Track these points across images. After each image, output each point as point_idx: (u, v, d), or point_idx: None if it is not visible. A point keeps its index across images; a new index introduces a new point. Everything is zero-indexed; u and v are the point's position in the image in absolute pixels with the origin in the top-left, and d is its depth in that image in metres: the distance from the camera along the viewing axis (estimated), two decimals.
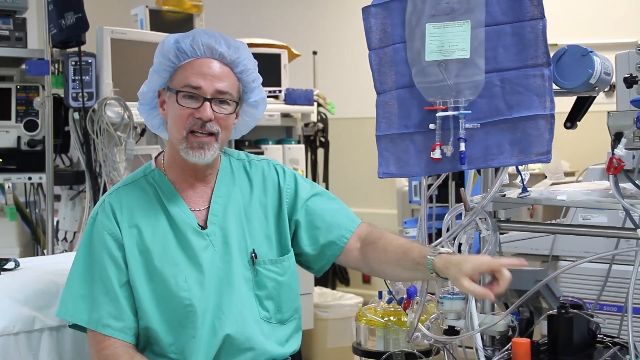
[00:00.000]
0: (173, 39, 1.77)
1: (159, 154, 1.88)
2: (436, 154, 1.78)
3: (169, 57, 1.75)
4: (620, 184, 1.68)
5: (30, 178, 3.07)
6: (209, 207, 1.81)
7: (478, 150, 1.78)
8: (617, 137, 1.68)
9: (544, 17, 1.72)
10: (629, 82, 1.73)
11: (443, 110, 1.78)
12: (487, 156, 1.77)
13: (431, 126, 1.80)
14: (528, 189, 1.91)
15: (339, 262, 1.90)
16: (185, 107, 1.73)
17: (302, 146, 4.23)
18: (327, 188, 4.78)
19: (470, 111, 1.75)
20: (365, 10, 1.88)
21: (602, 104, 1.96)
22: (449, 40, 1.76)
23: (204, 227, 1.79)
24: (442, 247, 1.88)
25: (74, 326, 1.77)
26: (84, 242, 1.78)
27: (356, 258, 1.86)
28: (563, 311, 1.76)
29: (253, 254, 1.81)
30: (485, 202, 1.81)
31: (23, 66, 3.06)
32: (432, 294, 2.03)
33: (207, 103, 1.72)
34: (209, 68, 1.74)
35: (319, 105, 4.39)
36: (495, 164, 1.78)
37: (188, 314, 1.73)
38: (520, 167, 1.87)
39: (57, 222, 3.25)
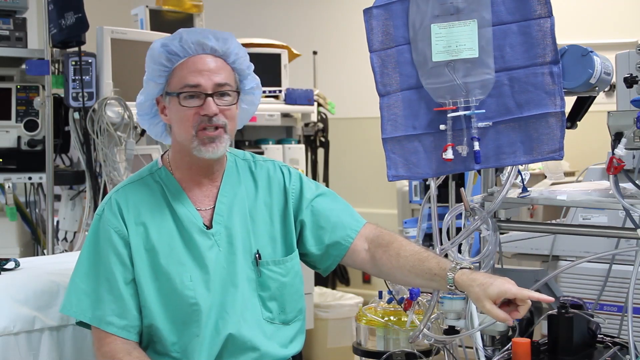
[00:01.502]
0: (159, 43, 1.76)
1: (165, 153, 1.88)
2: (448, 155, 1.77)
3: (161, 61, 1.75)
4: (620, 184, 1.68)
5: (30, 178, 3.07)
6: (214, 206, 1.82)
7: (490, 149, 1.77)
8: (617, 137, 1.68)
9: (552, 15, 1.72)
10: (629, 82, 1.73)
11: (454, 111, 1.77)
12: (499, 155, 1.77)
13: (442, 127, 1.79)
14: (528, 189, 1.91)
15: (345, 263, 1.90)
16: (189, 107, 1.73)
17: (302, 146, 4.23)
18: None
19: (484, 110, 1.75)
20: (367, 12, 1.87)
21: (602, 104, 1.97)
22: (456, 40, 1.76)
23: (209, 227, 1.79)
24: (448, 252, 1.88)
25: (80, 322, 1.77)
26: (89, 239, 1.78)
27: (363, 259, 1.85)
28: (563, 311, 1.76)
29: (257, 255, 1.81)
30: (495, 206, 1.80)
31: (23, 66, 3.06)
32: (432, 293, 2.03)
33: (210, 98, 1.72)
34: (204, 64, 1.74)
35: (319, 105, 4.39)
36: (508, 162, 1.78)
37: (193, 313, 1.73)
38: (520, 167, 1.87)
39: (57, 222, 3.25)
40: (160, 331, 1.74)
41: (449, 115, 1.77)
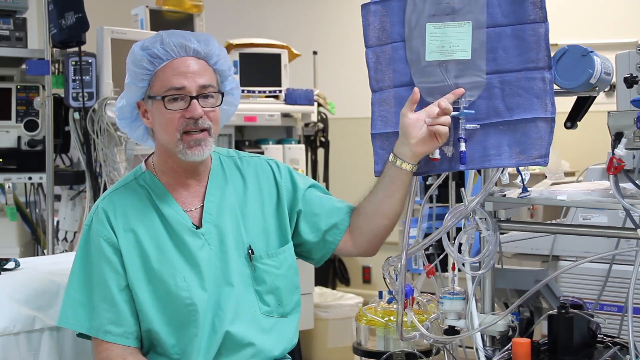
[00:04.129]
0: (140, 46, 1.75)
1: (149, 157, 1.88)
2: (435, 154, 1.78)
3: (143, 65, 1.73)
4: (620, 184, 1.68)
5: (30, 178, 3.08)
6: (202, 206, 1.82)
7: (476, 150, 1.77)
8: (617, 137, 1.68)
9: (547, 20, 1.71)
10: (629, 82, 1.73)
11: None
12: (485, 157, 1.77)
13: None
14: (528, 189, 1.91)
15: (338, 252, 1.92)
16: (174, 110, 1.72)
17: (302, 146, 4.23)
18: (327, 188, 4.77)
19: (473, 111, 1.75)
20: (365, 7, 1.87)
21: (602, 104, 1.96)
22: (450, 41, 1.76)
23: (198, 227, 1.79)
24: (448, 252, 1.88)
25: (80, 334, 1.78)
26: (80, 250, 1.78)
27: (346, 240, 1.90)
28: (563, 311, 1.76)
29: (250, 250, 1.82)
30: (473, 205, 1.79)
31: (23, 66, 3.07)
32: (432, 294, 2.03)
33: (195, 101, 1.72)
34: (188, 66, 1.73)
35: (319, 105, 4.39)
36: (492, 164, 1.78)
37: (190, 313, 1.73)
38: (520, 168, 1.86)
39: (57, 222, 3.25)
40: (159, 335, 1.74)
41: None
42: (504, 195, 1.87)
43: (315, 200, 1.92)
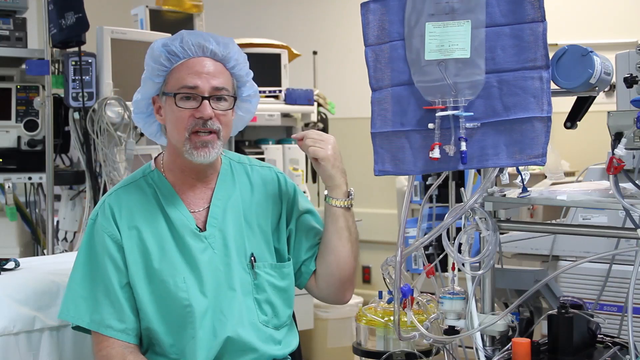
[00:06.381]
0: (160, 42, 1.76)
1: (159, 155, 1.88)
2: (435, 154, 1.77)
3: (160, 61, 1.74)
4: (620, 184, 1.68)
5: (30, 178, 3.08)
6: (208, 208, 1.82)
7: (474, 150, 1.77)
8: (617, 137, 1.68)
9: (545, 20, 1.71)
10: (629, 82, 1.73)
11: (442, 110, 1.77)
12: (483, 156, 1.77)
13: (430, 125, 1.79)
14: (528, 189, 1.91)
15: (310, 292, 1.96)
16: (185, 109, 1.72)
17: None
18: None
19: (472, 113, 1.75)
20: (364, 5, 1.87)
21: (602, 104, 1.96)
22: (449, 40, 1.76)
23: (202, 229, 1.79)
24: (448, 252, 1.88)
25: (77, 327, 1.77)
26: (84, 244, 1.78)
27: (312, 281, 1.92)
28: (563, 311, 1.76)
29: (252, 258, 1.81)
30: (471, 202, 1.80)
31: (23, 66, 3.07)
32: (432, 294, 2.03)
33: (206, 101, 1.72)
34: (203, 66, 1.74)
35: (319, 105, 4.39)
36: (490, 164, 1.78)
37: (187, 315, 1.73)
38: (520, 167, 1.86)
39: (57, 222, 3.25)
40: (157, 334, 1.74)
41: (437, 114, 1.77)
42: (504, 195, 1.87)
43: (306, 228, 1.91)
